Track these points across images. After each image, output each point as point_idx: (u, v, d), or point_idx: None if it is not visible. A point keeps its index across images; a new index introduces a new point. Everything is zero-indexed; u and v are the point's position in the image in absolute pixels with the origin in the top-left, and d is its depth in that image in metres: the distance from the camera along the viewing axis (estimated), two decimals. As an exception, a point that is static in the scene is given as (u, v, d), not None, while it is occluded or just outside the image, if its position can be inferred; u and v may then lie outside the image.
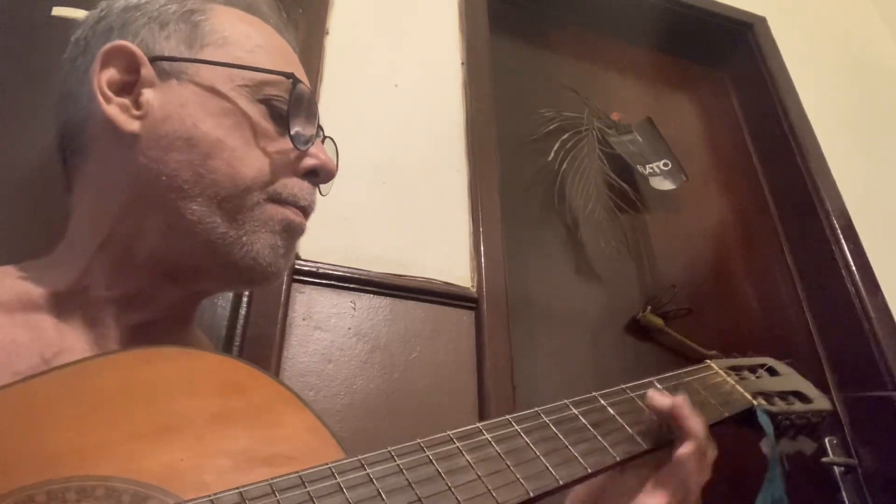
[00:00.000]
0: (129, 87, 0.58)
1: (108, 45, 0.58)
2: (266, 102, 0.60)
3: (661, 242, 1.65)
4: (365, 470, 0.42)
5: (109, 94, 0.57)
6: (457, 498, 0.43)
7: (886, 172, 1.86)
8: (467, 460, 0.46)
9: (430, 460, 0.45)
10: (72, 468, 0.38)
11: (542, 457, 0.49)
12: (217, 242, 0.56)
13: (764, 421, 0.68)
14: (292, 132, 0.60)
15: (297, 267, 1.11)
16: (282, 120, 0.60)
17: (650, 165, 1.64)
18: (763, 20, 2.02)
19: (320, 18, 1.40)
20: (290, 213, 0.60)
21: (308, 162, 0.62)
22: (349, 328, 1.10)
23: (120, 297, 0.57)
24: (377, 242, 1.20)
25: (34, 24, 1.13)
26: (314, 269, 1.12)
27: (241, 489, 0.38)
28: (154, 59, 0.58)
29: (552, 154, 1.58)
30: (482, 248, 1.26)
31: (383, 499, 0.41)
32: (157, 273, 0.57)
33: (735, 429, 0.69)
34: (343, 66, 1.37)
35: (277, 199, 0.59)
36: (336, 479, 0.41)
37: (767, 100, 1.88)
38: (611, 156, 1.65)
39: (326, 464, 0.42)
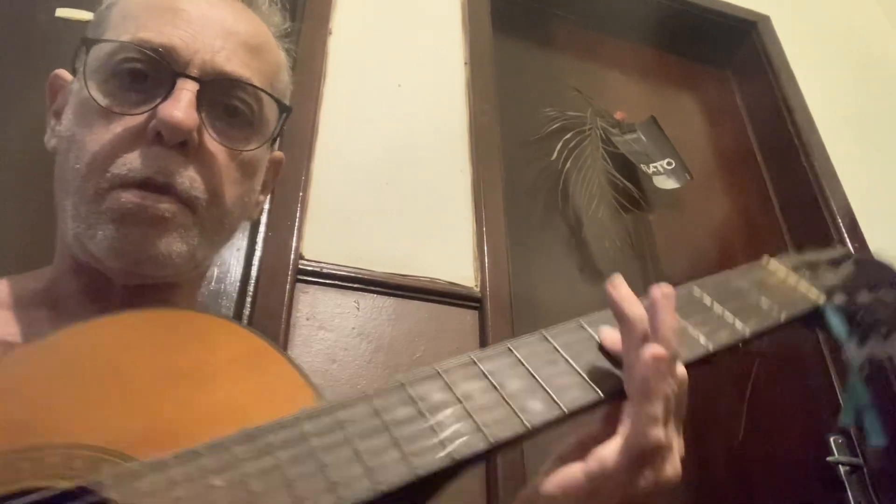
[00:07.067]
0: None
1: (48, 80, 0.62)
2: (117, 75, 0.55)
3: (665, 242, 1.65)
4: (336, 414, 0.39)
5: (52, 121, 0.61)
6: (440, 439, 0.39)
7: (891, 171, 1.86)
8: (455, 395, 0.42)
9: (412, 399, 0.41)
10: (32, 437, 0.38)
11: (543, 383, 0.44)
12: (78, 239, 0.55)
13: (835, 322, 0.58)
14: (131, 97, 0.55)
15: (300, 267, 1.11)
16: (132, 87, 0.55)
17: (654, 164, 1.64)
18: (767, 19, 2.01)
19: (323, 19, 1.41)
20: (124, 197, 0.52)
21: (150, 125, 0.53)
22: (353, 328, 1.10)
23: (82, 290, 0.58)
24: (381, 242, 1.20)
25: (38, 24, 1.14)
26: (318, 269, 1.12)
27: (198, 448, 0.36)
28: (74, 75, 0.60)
29: (556, 153, 1.58)
30: (486, 248, 1.26)
31: (353, 447, 0.38)
32: (92, 268, 0.57)
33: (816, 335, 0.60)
34: (346, 67, 1.37)
35: (119, 183, 0.52)
36: (304, 426, 0.38)
37: (772, 98, 1.87)
38: (614, 155, 1.65)
39: (296, 414, 0.39)
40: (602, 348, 0.47)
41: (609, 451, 0.42)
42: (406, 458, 0.38)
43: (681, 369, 0.45)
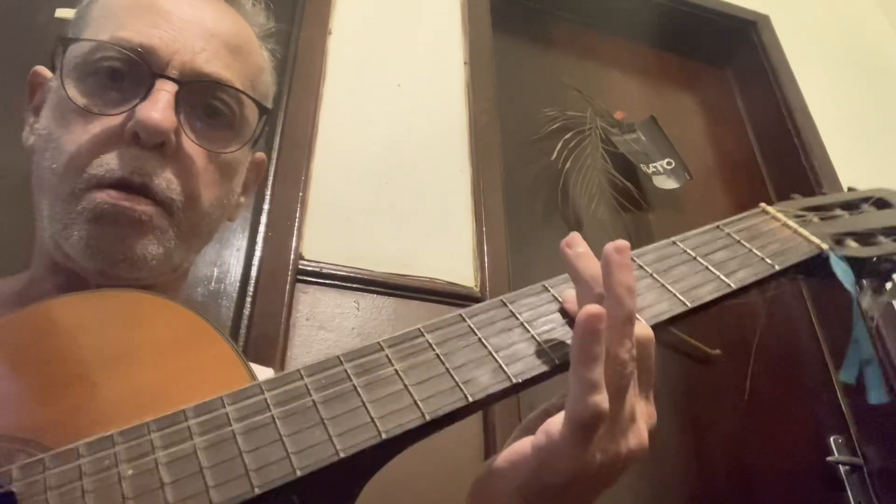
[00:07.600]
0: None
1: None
2: (95, 74, 0.55)
3: (664, 241, 1.64)
4: (264, 395, 0.37)
5: (31, 118, 0.60)
6: (370, 415, 0.37)
7: (891, 171, 1.86)
8: (395, 369, 0.39)
9: (348, 375, 0.39)
10: None
11: (495, 353, 0.41)
12: (53, 240, 0.55)
13: (840, 270, 0.52)
14: (109, 96, 0.54)
15: (300, 267, 1.11)
16: (110, 87, 0.55)
17: (654, 164, 1.64)
18: (766, 18, 2.01)
19: (323, 18, 1.41)
20: (100, 197, 0.52)
21: (128, 125, 0.53)
22: (353, 328, 1.10)
23: (58, 290, 0.57)
24: (380, 242, 1.20)
25: (37, 25, 1.14)
26: (318, 270, 1.12)
27: (117, 431, 0.35)
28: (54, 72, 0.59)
29: (555, 153, 1.58)
30: (485, 248, 1.26)
31: (277, 430, 0.35)
32: (68, 269, 0.56)
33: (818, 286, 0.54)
34: (346, 67, 1.37)
35: (96, 184, 0.52)
36: (227, 409, 0.36)
37: (771, 98, 1.87)
38: (614, 155, 1.65)
39: (221, 396, 0.37)
40: (564, 312, 0.44)
41: (556, 422, 0.38)
42: (332, 440, 0.35)
43: (642, 330, 0.41)
